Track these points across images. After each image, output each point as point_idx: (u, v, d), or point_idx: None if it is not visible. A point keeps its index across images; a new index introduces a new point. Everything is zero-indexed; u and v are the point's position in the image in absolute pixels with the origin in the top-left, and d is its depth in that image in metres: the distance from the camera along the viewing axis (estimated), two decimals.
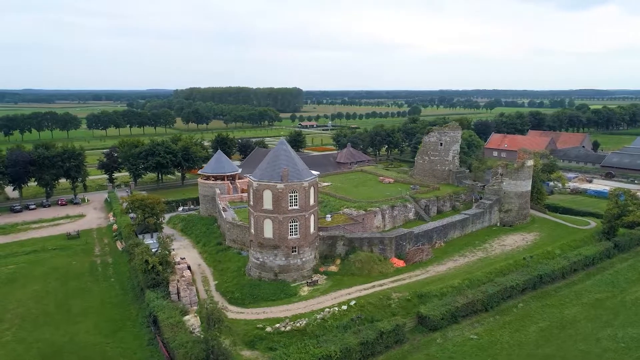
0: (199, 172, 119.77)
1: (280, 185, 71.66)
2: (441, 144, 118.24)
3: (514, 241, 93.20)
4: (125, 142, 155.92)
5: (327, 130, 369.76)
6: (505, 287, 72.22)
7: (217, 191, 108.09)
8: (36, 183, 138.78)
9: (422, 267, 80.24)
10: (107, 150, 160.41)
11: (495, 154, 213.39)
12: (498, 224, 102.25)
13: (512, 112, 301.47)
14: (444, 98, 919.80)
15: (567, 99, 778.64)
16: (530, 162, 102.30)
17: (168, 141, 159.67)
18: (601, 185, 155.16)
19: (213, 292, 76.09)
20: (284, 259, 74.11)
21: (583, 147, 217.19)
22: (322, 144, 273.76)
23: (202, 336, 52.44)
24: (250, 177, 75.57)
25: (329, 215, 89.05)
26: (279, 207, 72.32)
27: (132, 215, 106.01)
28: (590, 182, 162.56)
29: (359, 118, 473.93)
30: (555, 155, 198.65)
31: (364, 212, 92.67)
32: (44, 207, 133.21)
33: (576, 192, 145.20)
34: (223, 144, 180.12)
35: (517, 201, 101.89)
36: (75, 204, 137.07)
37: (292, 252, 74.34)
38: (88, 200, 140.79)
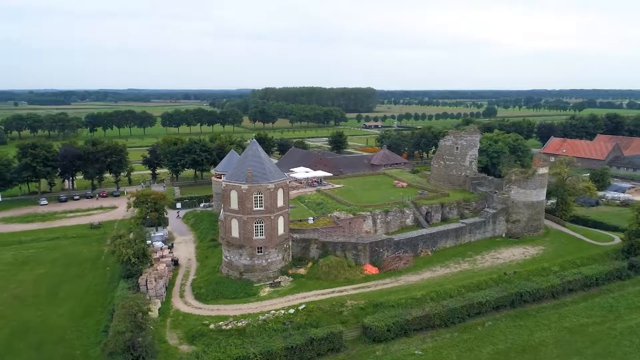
0: (212, 170, 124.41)
1: (244, 186, 72.90)
2: (457, 148, 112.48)
3: (511, 254, 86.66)
4: (166, 139, 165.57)
5: (392, 130, 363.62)
6: (471, 303, 67.72)
7: None
8: (82, 176, 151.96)
9: (395, 276, 77.40)
10: (151, 147, 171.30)
11: (552, 159, 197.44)
12: (504, 235, 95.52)
13: (586, 114, 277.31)
14: (531, 98, 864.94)
15: None
16: (543, 170, 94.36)
17: (205, 139, 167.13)
18: None
19: (187, 286, 79.09)
20: (248, 258, 75.26)
21: None
22: (375, 145, 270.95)
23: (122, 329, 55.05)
24: (223, 177, 77.62)
25: (312, 218, 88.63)
26: (244, 208, 73.60)
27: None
28: None
29: (428, 119, 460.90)
30: (617, 163, 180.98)
31: (352, 216, 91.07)
32: (87, 198, 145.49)
33: (626, 204, 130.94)
34: (262, 143, 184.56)
35: (526, 212, 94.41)
36: (116, 196, 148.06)
37: (258, 252, 75.23)
38: (127, 193, 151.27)
